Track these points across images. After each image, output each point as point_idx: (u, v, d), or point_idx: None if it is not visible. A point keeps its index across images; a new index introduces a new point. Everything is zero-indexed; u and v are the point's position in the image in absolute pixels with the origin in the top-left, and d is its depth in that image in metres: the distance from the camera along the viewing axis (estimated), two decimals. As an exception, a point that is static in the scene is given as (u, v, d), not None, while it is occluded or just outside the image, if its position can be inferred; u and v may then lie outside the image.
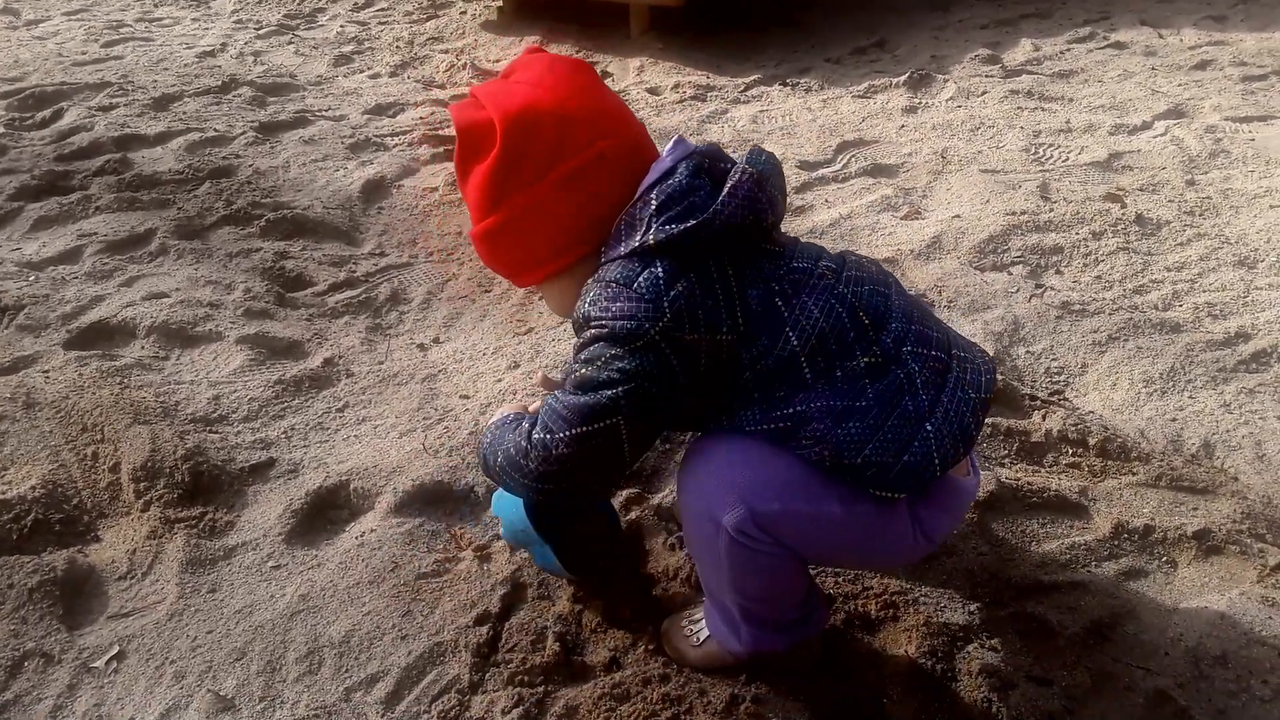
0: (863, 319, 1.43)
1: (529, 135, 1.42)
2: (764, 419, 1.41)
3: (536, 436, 1.43)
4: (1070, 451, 2.16)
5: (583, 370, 1.40)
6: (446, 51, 5.32)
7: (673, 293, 1.36)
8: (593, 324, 1.40)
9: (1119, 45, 4.79)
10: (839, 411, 1.38)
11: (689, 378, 1.39)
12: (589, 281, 1.45)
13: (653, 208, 1.40)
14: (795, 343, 1.39)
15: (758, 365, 1.40)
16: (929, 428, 1.39)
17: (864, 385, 1.39)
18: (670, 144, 1.48)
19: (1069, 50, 4.78)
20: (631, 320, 1.36)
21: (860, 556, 1.61)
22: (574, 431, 1.39)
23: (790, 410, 1.39)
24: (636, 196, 1.44)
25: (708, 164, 1.46)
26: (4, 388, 2.39)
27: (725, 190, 1.40)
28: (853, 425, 1.38)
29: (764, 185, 1.42)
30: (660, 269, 1.38)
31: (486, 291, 2.95)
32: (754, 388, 1.41)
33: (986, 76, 4.48)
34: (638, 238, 1.40)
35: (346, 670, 1.68)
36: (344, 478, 2.13)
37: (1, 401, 2.33)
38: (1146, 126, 3.86)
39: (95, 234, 3.21)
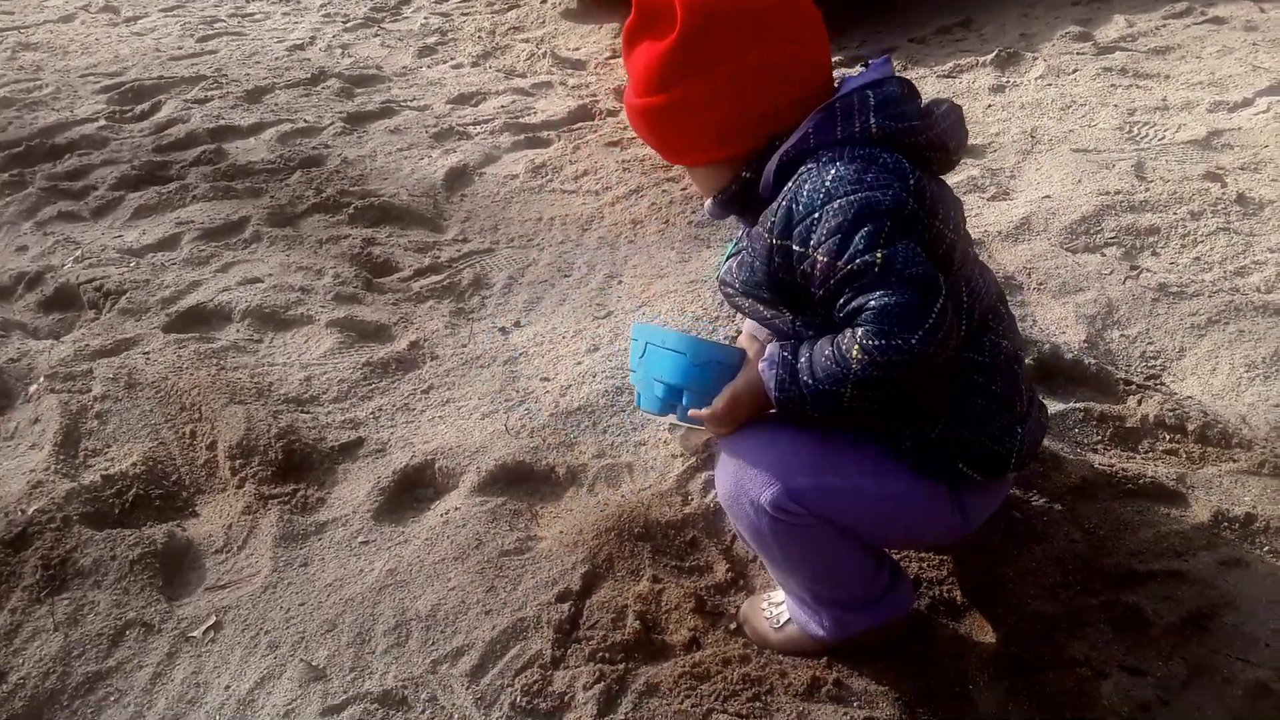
0: (1003, 310, 1.52)
1: (711, 23, 1.39)
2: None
3: (895, 344, 1.24)
4: (1167, 437, 2.09)
5: (876, 256, 1.26)
6: (527, 41, 5.36)
7: (915, 176, 1.34)
8: (839, 200, 1.30)
9: (1217, 20, 4.59)
10: (975, 386, 1.44)
11: None
12: (810, 165, 1.36)
13: (871, 103, 1.38)
14: (966, 297, 1.43)
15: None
16: (1020, 431, 1.48)
17: (997, 369, 1.46)
18: (878, 60, 1.47)
19: (1165, 26, 4.60)
20: (889, 190, 1.30)
21: (898, 533, 1.61)
22: (929, 324, 1.25)
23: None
24: (848, 90, 1.40)
25: (908, 89, 1.44)
26: (107, 369, 2.49)
27: (940, 110, 1.43)
28: (980, 400, 1.44)
29: (963, 120, 1.47)
30: (898, 155, 1.35)
31: (566, 276, 2.97)
32: None
33: (1078, 54, 4.34)
34: (857, 125, 1.37)
35: (433, 643, 1.72)
36: (429, 457, 2.17)
37: (105, 382, 2.44)
38: (1247, 103, 3.70)
39: (192, 222, 3.32)
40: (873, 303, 1.26)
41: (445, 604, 1.79)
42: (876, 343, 1.25)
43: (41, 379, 2.47)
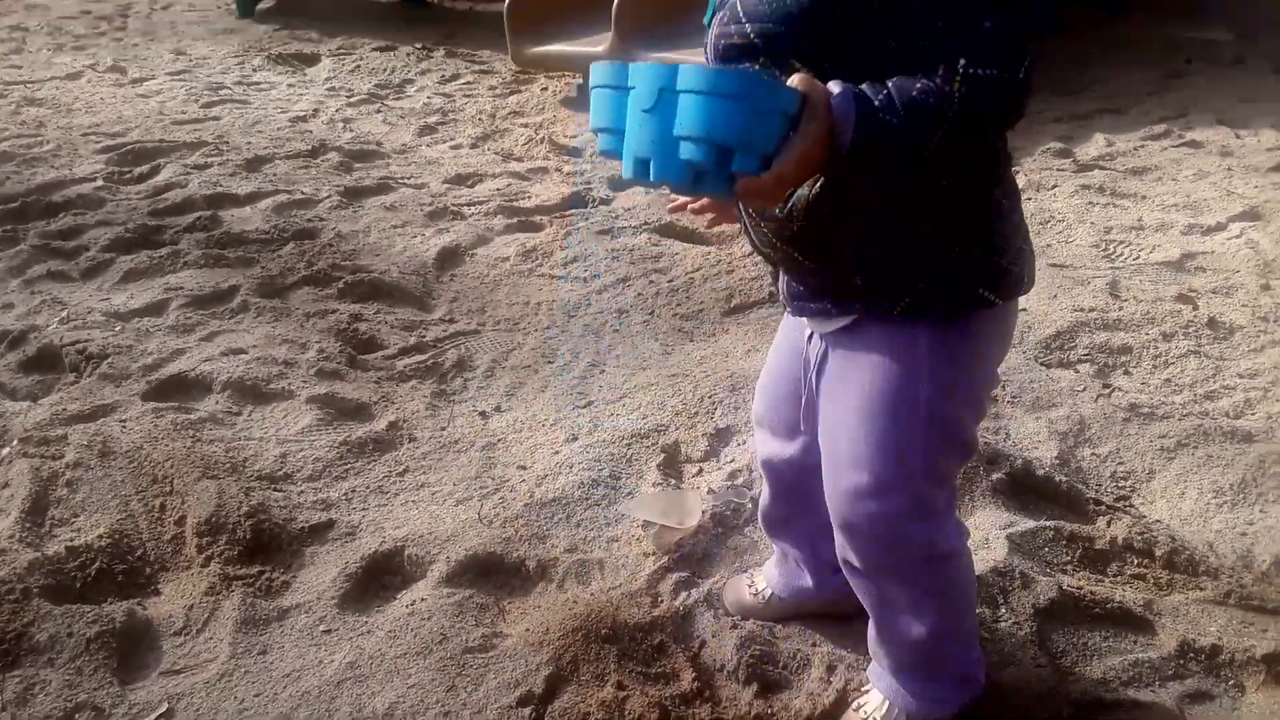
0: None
1: None
2: None
3: (1006, 75, 1.18)
4: (1136, 561, 2.10)
5: None
6: (526, 125, 5.47)
7: None
8: None
9: (1194, 144, 4.74)
10: (993, 202, 1.38)
11: None
12: None
13: None
14: None
15: None
16: (1026, 250, 1.44)
17: (1009, 183, 1.40)
18: None
19: (1143, 147, 4.74)
20: None
21: (966, 403, 1.52)
22: (1030, 59, 1.19)
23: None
24: None
25: None
26: (82, 435, 2.48)
27: None
28: (996, 220, 1.38)
29: None
30: None
31: (549, 363, 2.99)
32: None
33: (1058, 170, 4.47)
34: None
35: (389, 742, 1.69)
36: (399, 543, 2.16)
37: (78, 449, 2.42)
38: (1221, 228, 3.80)
39: (181, 288, 3.34)
40: (988, 24, 1.17)
41: (404, 702, 1.76)
42: (988, 73, 1.16)
43: (15, 442, 2.46)
